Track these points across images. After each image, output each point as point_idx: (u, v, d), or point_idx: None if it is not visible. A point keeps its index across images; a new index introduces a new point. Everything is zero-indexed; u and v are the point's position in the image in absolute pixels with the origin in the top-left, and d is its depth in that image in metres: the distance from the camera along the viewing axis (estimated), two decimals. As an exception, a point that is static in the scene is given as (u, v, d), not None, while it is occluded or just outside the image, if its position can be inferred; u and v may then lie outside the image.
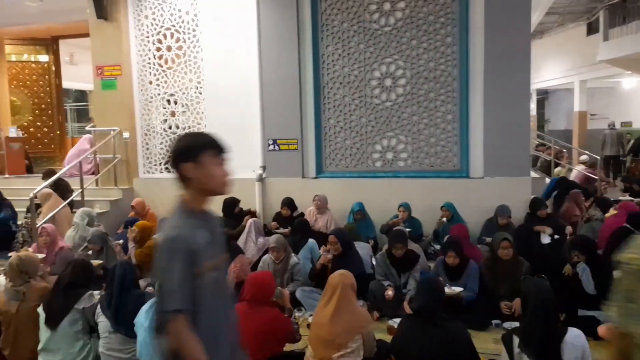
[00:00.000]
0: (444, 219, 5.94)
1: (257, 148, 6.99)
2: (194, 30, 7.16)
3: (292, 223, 5.93)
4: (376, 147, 6.68)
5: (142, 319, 2.95)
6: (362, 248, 5.26)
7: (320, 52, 6.71)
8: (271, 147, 6.95)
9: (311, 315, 4.04)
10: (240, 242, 5.56)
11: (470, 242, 5.37)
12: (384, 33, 6.46)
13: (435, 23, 6.29)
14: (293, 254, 4.84)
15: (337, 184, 6.68)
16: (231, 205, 6.32)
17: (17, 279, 3.64)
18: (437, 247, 5.80)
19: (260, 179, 6.94)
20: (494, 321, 4.16)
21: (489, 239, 5.34)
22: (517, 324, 3.54)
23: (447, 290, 3.94)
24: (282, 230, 6.12)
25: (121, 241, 5.28)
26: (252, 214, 6.55)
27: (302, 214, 6.38)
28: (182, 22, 7.20)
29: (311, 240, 5.35)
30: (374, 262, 4.93)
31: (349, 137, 6.73)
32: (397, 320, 3.78)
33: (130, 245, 5.26)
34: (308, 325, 3.66)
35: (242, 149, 7.02)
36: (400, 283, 4.55)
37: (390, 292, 4.36)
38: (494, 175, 6.15)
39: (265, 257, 4.80)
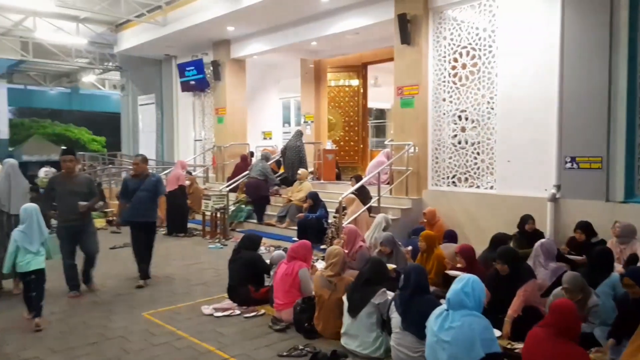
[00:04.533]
0: None
1: (552, 165, 6.49)
2: (489, 46, 7.17)
3: (586, 250, 5.26)
4: None
5: (432, 323, 3.12)
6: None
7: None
8: (568, 164, 6.34)
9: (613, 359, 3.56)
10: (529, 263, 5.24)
11: None
12: None
13: None
14: (594, 293, 4.26)
15: (654, 211, 5.61)
16: (522, 221, 6.13)
17: (336, 268, 4.35)
18: None
19: (553, 199, 6.41)
20: None
21: None
22: None
23: None
24: (576, 257, 5.51)
25: (410, 247, 5.69)
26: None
27: (603, 241, 5.58)
28: (479, 39, 7.30)
29: (615, 275, 4.60)
30: None
31: (677, 157, 5.56)
32: None
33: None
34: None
35: (534, 165, 6.71)
36: None
37: None
38: None
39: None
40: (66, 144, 24.10)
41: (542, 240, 5.53)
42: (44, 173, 14.23)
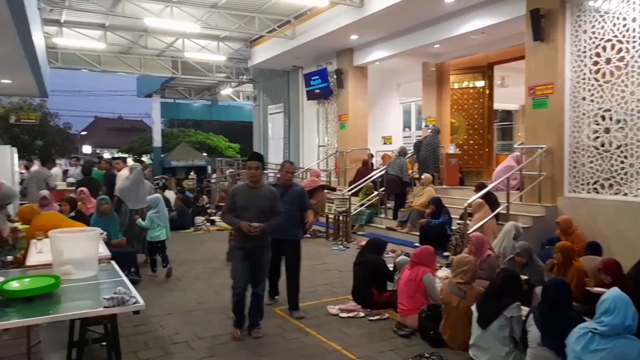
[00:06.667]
0: None
1: None
2: (640, 38, 6.44)
3: None
4: None
5: (573, 342, 2.90)
6: None
7: None
8: None
9: None
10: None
11: None
12: None
13: None
14: None
15: None
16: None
17: (466, 276, 4.28)
18: None
19: None
20: None
21: None
22: None
23: None
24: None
25: (550, 260, 5.23)
26: None
27: None
28: (626, 30, 6.59)
29: None
30: None
31: None
32: None
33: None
34: None
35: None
36: None
37: None
38: None
39: None
40: (207, 151, 26.70)
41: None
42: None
